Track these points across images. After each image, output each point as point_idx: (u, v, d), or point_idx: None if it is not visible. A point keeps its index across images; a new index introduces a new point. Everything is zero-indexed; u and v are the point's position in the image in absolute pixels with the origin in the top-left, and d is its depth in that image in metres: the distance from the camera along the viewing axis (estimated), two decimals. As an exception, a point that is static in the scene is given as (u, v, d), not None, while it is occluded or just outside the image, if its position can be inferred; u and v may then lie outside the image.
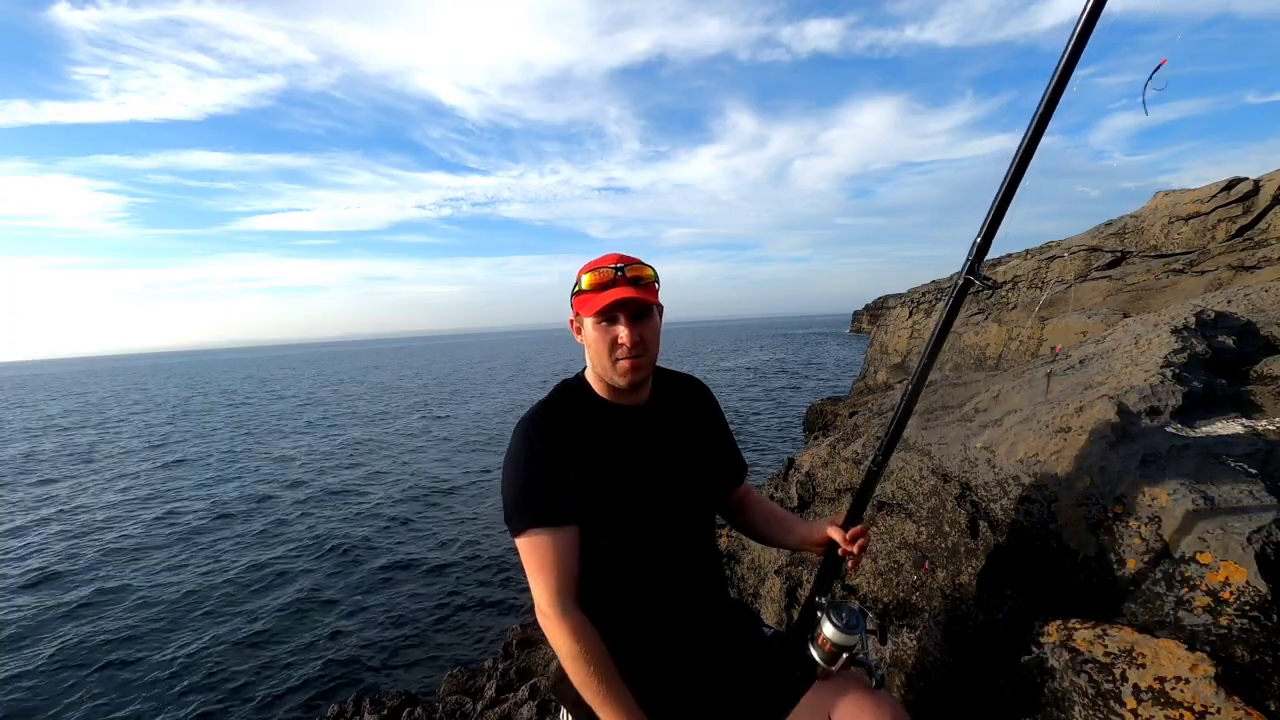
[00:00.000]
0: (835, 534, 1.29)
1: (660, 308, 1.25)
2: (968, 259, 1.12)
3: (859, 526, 1.29)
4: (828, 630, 1.19)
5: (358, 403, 32.14)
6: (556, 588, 1.12)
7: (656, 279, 1.24)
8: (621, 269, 1.18)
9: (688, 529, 1.29)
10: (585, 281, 1.19)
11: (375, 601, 7.62)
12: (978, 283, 1.13)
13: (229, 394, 43.54)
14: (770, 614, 2.49)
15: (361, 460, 16.46)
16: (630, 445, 1.24)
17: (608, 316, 1.18)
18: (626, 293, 1.15)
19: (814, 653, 1.22)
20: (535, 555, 1.13)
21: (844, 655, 1.19)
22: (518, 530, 1.14)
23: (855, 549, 1.28)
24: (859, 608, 1.22)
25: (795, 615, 1.47)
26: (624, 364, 1.18)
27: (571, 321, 1.27)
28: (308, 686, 5.86)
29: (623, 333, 1.17)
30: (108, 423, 28.82)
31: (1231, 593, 1.15)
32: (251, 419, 27.15)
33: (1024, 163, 1.04)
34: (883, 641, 1.78)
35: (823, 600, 1.27)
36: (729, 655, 1.27)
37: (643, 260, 1.22)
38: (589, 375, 1.29)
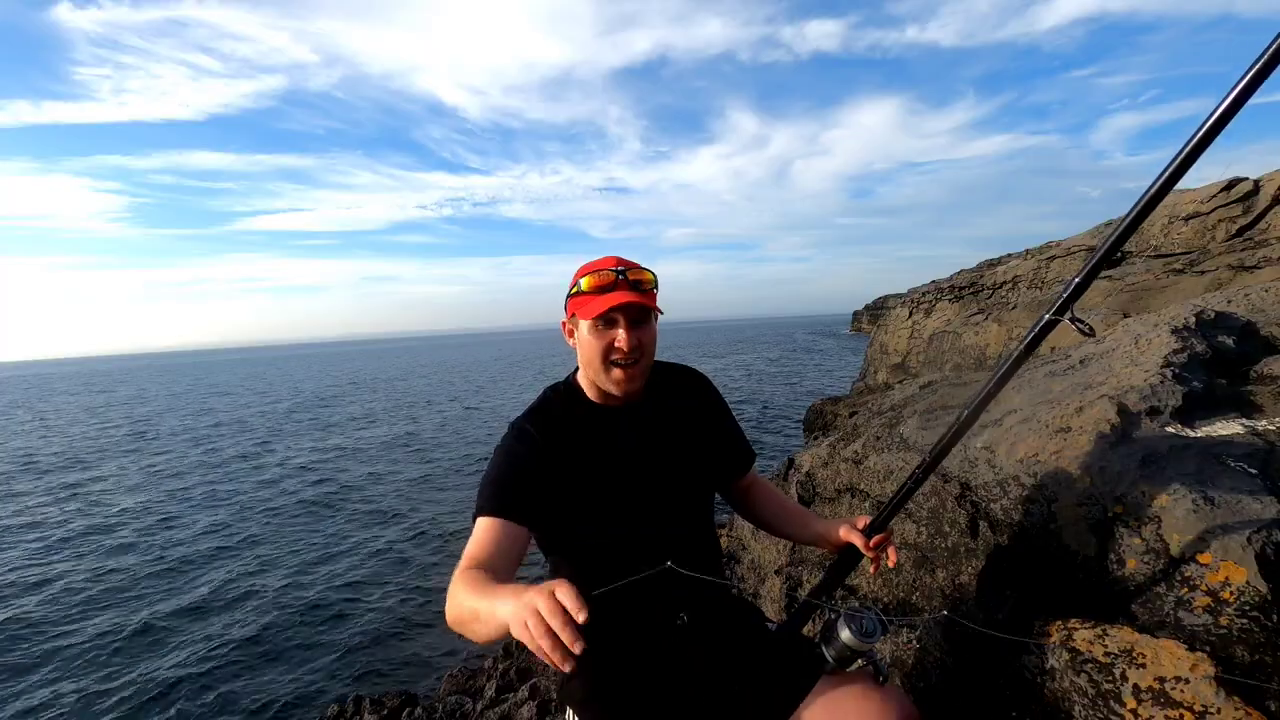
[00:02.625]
0: (856, 539, 1.27)
1: (659, 313, 1.23)
2: (1062, 296, 1.01)
3: (882, 534, 1.28)
4: (845, 635, 1.17)
5: (368, 404, 32.16)
6: (467, 561, 1.05)
7: (656, 284, 1.21)
8: (623, 272, 1.16)
9: (684, 523, 1.28)
10: (585, 283, 1.16)
11: (375, 601, 7.62)
12: (1073, 326, 1.00)
13: (224, 391, 43.56)
14: (771, 614, 2.49)
15: (362, 460, 16.46)
16: (625, 445, 1.23)
17: (606, 320, 1.15)
18: (627, 297, 1.13)
19: (826, 652, 1.21)
20: (474, 535, 1.10)
21: (858, 660, 1.19)
22: (476, 512, 1.13)
23: (889, 558, 1.27)
24: (878, 615, 1.21)
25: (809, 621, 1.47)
26: (618, 372, 1.17)
27: (564, 324, 1.25)
28: (307, 686, 5.86)
29: (620, 337, 1.15)
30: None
31: (1231, 593, 1.15)
32: (261, 416, 27.16)
33: (1147, 209, 0.90)
34: (883, 642, 1.78)
35: (836, 602, 1.26)
36: (731, 649, 1.26)
37: (642, 264, 1.20)
38: (579, 377, 1.27)
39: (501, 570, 1.03)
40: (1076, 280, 0.99)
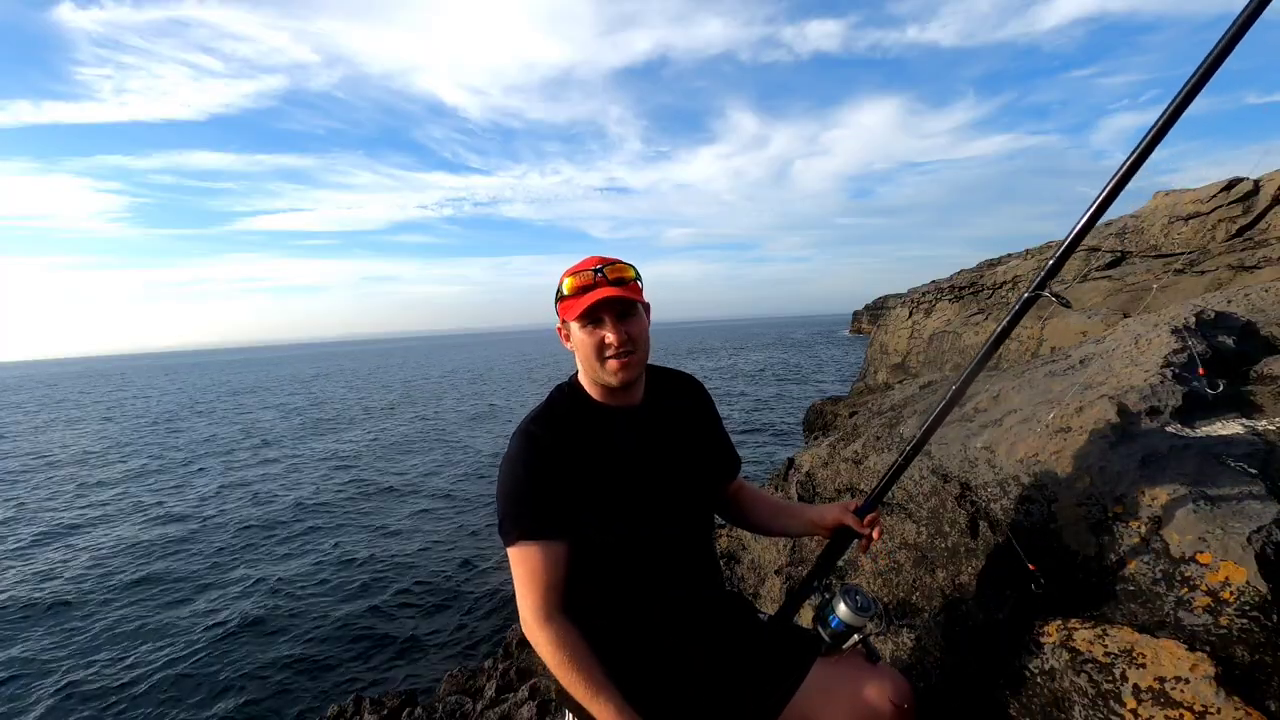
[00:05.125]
0: (849, 519, 1.32)
1: (646, 305, 1.26)
2: (1040, 274, 1.11)
3: (874, 514, 1.32)
4: (841, 610, 1.21)
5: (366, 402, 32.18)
6: (540, 600, 1.14)
7: (639, 278, 1.24)
8: (601, 270, 1.19)
9: (684, 523, 1.30)
10: (566, 286, 1.20)
11: (375, 602, 7.62)
12: (1052, 299, 1.10)
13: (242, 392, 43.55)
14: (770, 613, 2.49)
15: (363, 460, 16.46)
16: (625, 445, 1.25)
17: (593, 319, 1.19)
18: (608, 292, 1.16)
19: (822, 633, 1.23)
20: (522, 566, 1.16)
21: (854, 637, 1.21)
22: (509, 541, 1.17)
23: (875, 534, 1.32)
24: (870, 592, 1.25)
25: (802, 607, 1.48)
26: (613, 363, 1.19)
27: (559, 328, 1.28)
28: (308, 687, 5.86)
29: (609, 334, 1.18)
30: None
31: (1231, 593, 1.15)
32: (262, 420, 27.17)
33: (1120, 185, 1.01)
34: (883, 641, 1.78)
35: (832, 582, 1.29)
36: (730, 641, 1.29)
37: (624, 260, 1.23)
38: (581, 378, 1.30)
39: (561, 593, 1.16)
40: (1051, 261, 1.10)
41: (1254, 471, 1.36)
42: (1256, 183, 8.27)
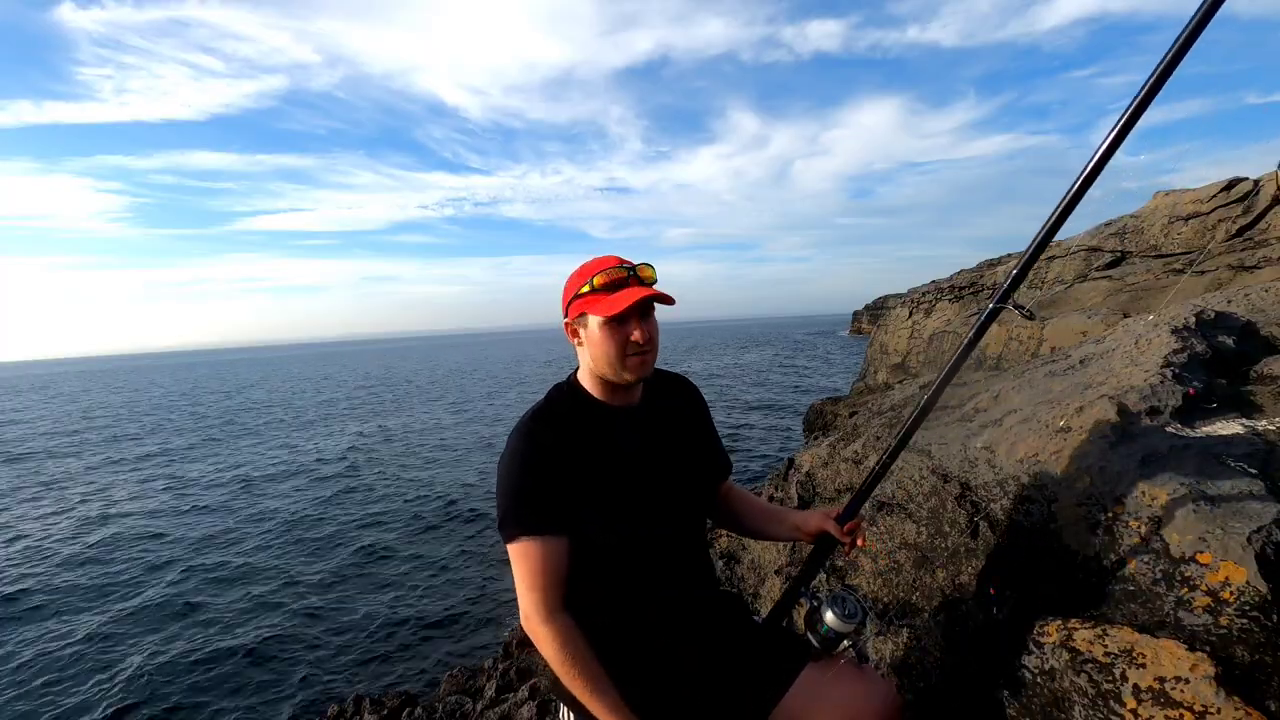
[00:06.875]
0: (831, 527, 1.33)
1: (671, 302, 1.26)
2: (1004, 286, 1.12)
3: (854, 521, 1.33)
4: (829, 617, 1.22)
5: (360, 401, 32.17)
6: (543, 596, 1.15)
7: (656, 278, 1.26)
8: (633, 269, 1.19)
9: (679, 523, 1.31)
10: (596, 282, 1.18)
11: (375, 602, 7.62)
12: (1016, 311, 1.12)
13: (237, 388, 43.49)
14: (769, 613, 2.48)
15: (364, 459, 16.46)
16: (624, 445, 1.25)
17: (622, 317, 1.17)
18: (644, 292, 1.16)
19: (811, 639, 1.24)
20: (524, 563, 1.16)
21: (843, 643, 1.22)
22: (509, 538, 1.17)
23: (860, 541, 1.33)
24: (860, 597, 1.25)
25: (794, 611, 1.49)
26: (635, 360, 1.19)
27: (568, 324, 1.26)
28: (308, 687, 5.86)
29: (636, 332, 1.18)
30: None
31: (1231, 593, 1.15)
32: (259, 415, 27.18)
33: (1071, 204, 1.02)
34: (883, 641, 1.78)
35: (820, 586, 1.30)
36: (723, 642, 1.29)
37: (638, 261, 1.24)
38: (581, 377, 1.29)
39: (563, 589, 1.17)
40: (1015, 272, 1.12)
41: (1254, 471, 1.36)
42: (1256, 183, 8.27)
